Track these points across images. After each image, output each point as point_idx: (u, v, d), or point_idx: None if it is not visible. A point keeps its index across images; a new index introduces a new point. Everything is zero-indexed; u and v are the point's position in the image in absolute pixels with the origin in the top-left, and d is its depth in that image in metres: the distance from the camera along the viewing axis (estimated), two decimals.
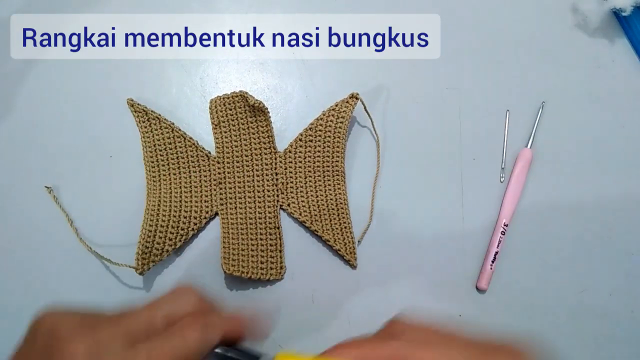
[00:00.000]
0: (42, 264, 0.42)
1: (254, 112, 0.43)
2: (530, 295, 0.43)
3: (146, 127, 0.43)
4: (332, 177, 0.44)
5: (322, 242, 0.43)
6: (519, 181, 0.44)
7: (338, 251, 0.42)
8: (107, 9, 0.47)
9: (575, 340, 0.42)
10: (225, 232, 0.42)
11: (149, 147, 0.43)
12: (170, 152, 0.43)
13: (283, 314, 0.42)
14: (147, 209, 0.42)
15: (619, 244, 0.44)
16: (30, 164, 0.44)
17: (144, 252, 0.40)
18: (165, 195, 0.43)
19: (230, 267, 0.41)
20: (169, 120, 0.43)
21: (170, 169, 0.43)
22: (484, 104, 0.46)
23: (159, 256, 0.41)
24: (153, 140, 0.43)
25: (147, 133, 0.43)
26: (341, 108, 0.43)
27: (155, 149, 0.43)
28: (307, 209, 0.43)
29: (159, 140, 0.43)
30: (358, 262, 0.42)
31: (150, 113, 0.43)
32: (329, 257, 0.43)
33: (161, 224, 0.41)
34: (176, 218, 0.42)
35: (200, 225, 0.43)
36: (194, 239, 0.43)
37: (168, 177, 0.43)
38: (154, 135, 0.43)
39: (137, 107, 0.43)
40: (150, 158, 0.43)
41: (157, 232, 0.41)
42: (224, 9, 0.48)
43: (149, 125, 0.43)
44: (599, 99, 0.47)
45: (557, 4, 0.49)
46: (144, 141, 0.43)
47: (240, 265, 0.41)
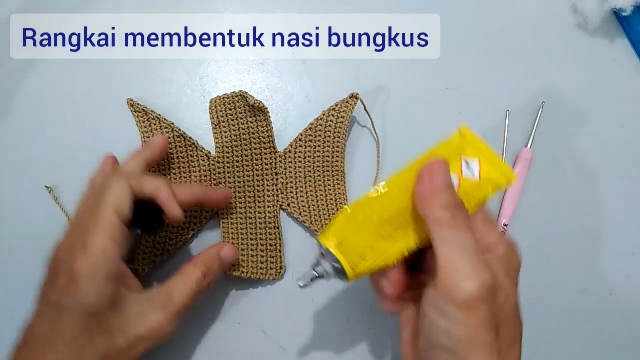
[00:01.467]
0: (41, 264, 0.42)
1: (254, 112, 0.43)
2: (530, 295, 0.43)
3: (146, 127, 0.43)
4: (332, 177, 0.44)
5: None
6: (518, 181, 0.44)
7: None
8: (107, 9, 0.47)
9: (575, 340, 0.42)
10: (225, 232, 0.42)
11: None
12: (170, 152, 0.43)
13: (283, 314, 0.42)
14: None
15: (619, 244, 0.44)
16: (30, 164, 0.44)
17: (144, 252, 0.40)
18: None
19: (230, 268, 0.41)
20: (169, 120, 0.43)
21: (170, 169, 0.43)
22: (484, 104, 0.46)
23: (159, 257, 0.41)
24: None
25: (147, 133, 0.43)
26: (341, 108, 0.43)
27: None
28: (307, 209, 0.43)
29: None
30: None
31: (150, 113, 0.43)
32: None
33: None
34: None
35: (201, 226, 0.43)
36: (194, 239, 0.43)
37: (168, 177, 0.43)
38: (154, 135, 0.43)
39: (137, 107, 0.43)
40: None
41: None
42: (224, 9, 0.48)
43: (149, 126, 0.43)
44: (599, 99, 0.47)
45: (557, 4, 0.49)
46: (144, 141, 0.43)
47: (240, 265, 0.41)
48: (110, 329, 0.31)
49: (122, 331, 0.32)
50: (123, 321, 0.32)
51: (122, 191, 0.33)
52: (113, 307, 0.31)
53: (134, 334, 0.32)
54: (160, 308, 0.33)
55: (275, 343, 0.41)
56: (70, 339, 0.30)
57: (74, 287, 0.30)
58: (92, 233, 0.31)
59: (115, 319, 0.31)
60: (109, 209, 0.32)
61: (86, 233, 0.32)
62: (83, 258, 0.31)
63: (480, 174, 0.30)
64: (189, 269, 0.36)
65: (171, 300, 0.34)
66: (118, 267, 0.32)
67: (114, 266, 0.32)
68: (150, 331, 0.32)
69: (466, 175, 0.30)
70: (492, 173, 0.30)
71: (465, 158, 0.30)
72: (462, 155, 0.30)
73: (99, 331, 0.31)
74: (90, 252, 0.31)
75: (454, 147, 0.31)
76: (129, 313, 0.32)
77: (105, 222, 0.32)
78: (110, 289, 0.31)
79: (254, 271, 0.41)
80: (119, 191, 0.33)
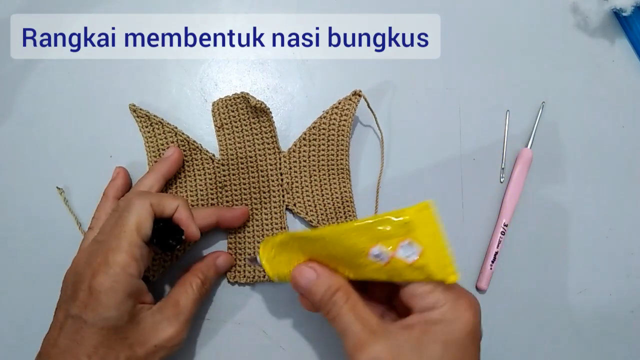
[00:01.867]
0: (48, 265, 0.42)
1: (257, 113, 0.42)
2: (530, 295, 0.43)
3: (149, 132, 0.43)
4: (337, 175, 0.44)
5: None
6: (519, 181, 0.44)
7: None
8: (107, 9, 0.47)
9: (575, 340, 0.42)
10: (232, 234, 0.42)
11: (152, 152, 0.43)
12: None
13: (283, 314, 0.42)
14: None
15: (619, 244, 0.44)
16: (30, 164, 0.44)
17: (154, 259, 0.40)
18: None
19: (235, 275, 0.41)
20: (172, 124, 0.43)
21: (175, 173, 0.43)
22: (484, 104, 0.46)
23: (169, 262, 0.41)
24: (157, 145, 0.43)
25: (150, 138, 0.43)
26: (344, 106, 0.43)
27: (160, 154, 0.43)
28: (313, 209, 0.43)
29: (162, 144, 0.43)
30: None
31: (152, 118, 0.43)
32: None
33: None
34: None
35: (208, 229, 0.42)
36: (200, 241, 0.42)
37: (173, 182, 0.43)
38: (157, 140, 0.43)
39: (140, 112, 0.43)
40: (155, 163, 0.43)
41: None
42: (224, 9, 0.48)
43: (152, 130, 0.43)
44: (599, 99, 0.47)
45: (557, 4, 0.49)
46: (148, 146, 0.43)
47: (245, 270, 0.41)
48: (130, 341, 0.33)
49: (141, 342, 0.33)
50: (141, 333, 0.33)
51: (144, 211, 0.34)
52: (131, 320, 0.33)
53: (152, 345, 0.34)
54: (172, 319, 0.35)
55: (275, 343, 0.41)
56: (92, 351, 0.31)
57: (95, 302, 0.32)
58: (113, 250, 0.33)
59: (133, 331, 0.33)
60: (130, 228, 0.33)
61: (108, 250, 0.33)
62: (104, 274, 0.32)
63: (416, 260, 0.29)
64: (189, 278, 0.38)
65: (180, 310, 0.36)
66: (137, 284, 0.34)
67: (134, 283, 0.33)
68: (167, 341, 0.34)
69: (399, 255, 0.29)
70: (431, 264, 0.30)
71: (407, 241, 0.30)
72: (404, 239, 0.30)
73: (119, 343, 0.32)
74: (112, 269, 0.32)
75: (400, 226, 0.30)
76: (146, 325, 0.34)
77: (126, 240, 0.33)
78: (130, 304, 0.33)
79: (262, 274, 0.41)
80: (140, 211, 0.34)
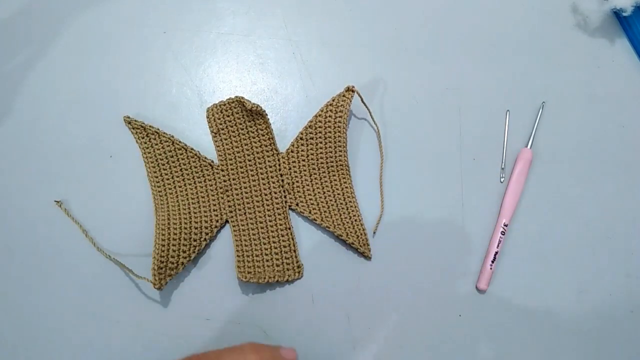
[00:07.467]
0: (48, 265, 0.42)
1: (252, 116, 0.42)
2: (530, 295, 0.43)
3: (146, 142, 0.43)
4: (337, 172, 0.44)
5: (335, 238, 0.43)
6: (519, 181, 0.44)
7: (352, 245, 0.42)
8: (106, 8, 0.47)
9: (575, 340, 0.42)
10: (237, 238, 0.42)
11: (151, 163, 0.43)
12: (173, 165, 0.43)
13: (283, 314, 0.42)
14: (157, 225, 0.41)
15: (619, 244, 0.44)
16: (30, 164, 0.44)
17: (159, 267, 0.40)
18: (174, 209, 0.42)
19: (246, 275, 0.41)
20: (168, 133, 0.43)
21: (175, 182, 0.43)
22: (484, 104, 0.46)
23: (174, 270, 0.40)
24: (154, 155, 0.43)
25: (147, 149, 0.43)
26: (338, 102, 0.43)
27: (158, 164, 0.43)
28: (315, 207, 0.43)
29: (160, 154, 0.43)
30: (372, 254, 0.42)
31: (148, 128, 0.43)
32: (344, 252, 0.43)
33: (173, 238, 0.41)
34: (187, 230, 0.41)
35: (212, 235, 0.42)
36: (206, 250, 0.42)
37: (174, 191, 0.43)
38: (154, 150, 0.43)
39: (135, 124, 0.43)
40: (154, 173, 0.43)
41: (170, 246, 0.40)
42: (224, 9, 0.48)
43: (148, 141, 0.43)
44: (599, 99, 0.47)
45: (557, 4, 0.49)
46: (146, 157, 0.43)
47: (255, 271, 0.41)
48: None
49: None
50: None
51: None
52: None
53: None
54: None
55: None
56: None
57: None
58: None
59: None
60: None
61: None
62: None
63: None
64: None
65: None
66: None
67: None
68: None
69: None
70: None
71: None
72: None
73: None
74: None
75: None
76: None
77: None
78: None
79: (272, 274, 0.41)
80: None
